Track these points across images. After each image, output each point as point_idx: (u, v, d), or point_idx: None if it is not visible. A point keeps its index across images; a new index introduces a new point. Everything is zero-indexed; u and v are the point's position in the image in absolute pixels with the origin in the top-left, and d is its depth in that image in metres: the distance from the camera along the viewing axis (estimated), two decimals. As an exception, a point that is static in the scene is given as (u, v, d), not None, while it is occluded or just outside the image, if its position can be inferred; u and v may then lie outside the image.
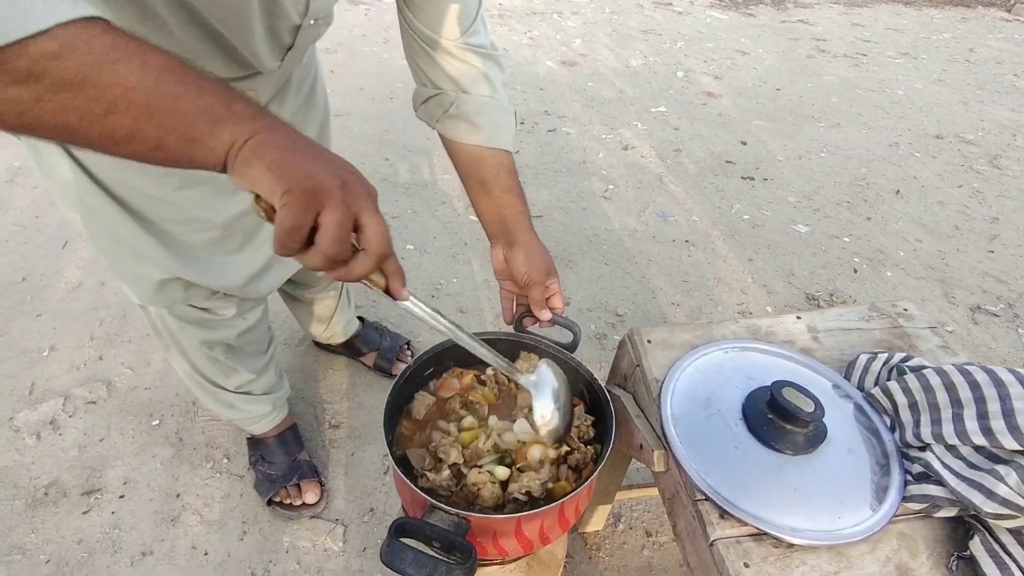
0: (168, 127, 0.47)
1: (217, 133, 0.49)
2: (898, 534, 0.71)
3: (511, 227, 0.91)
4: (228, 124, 0.49)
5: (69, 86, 0.42)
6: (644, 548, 1.35)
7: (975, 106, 3.61)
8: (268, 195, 0.50)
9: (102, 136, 0.45)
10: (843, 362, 0.92)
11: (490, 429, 0.89)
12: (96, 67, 0.42)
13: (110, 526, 1.29)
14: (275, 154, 0.50)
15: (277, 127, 0.52)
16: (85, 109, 0.43)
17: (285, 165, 0.49)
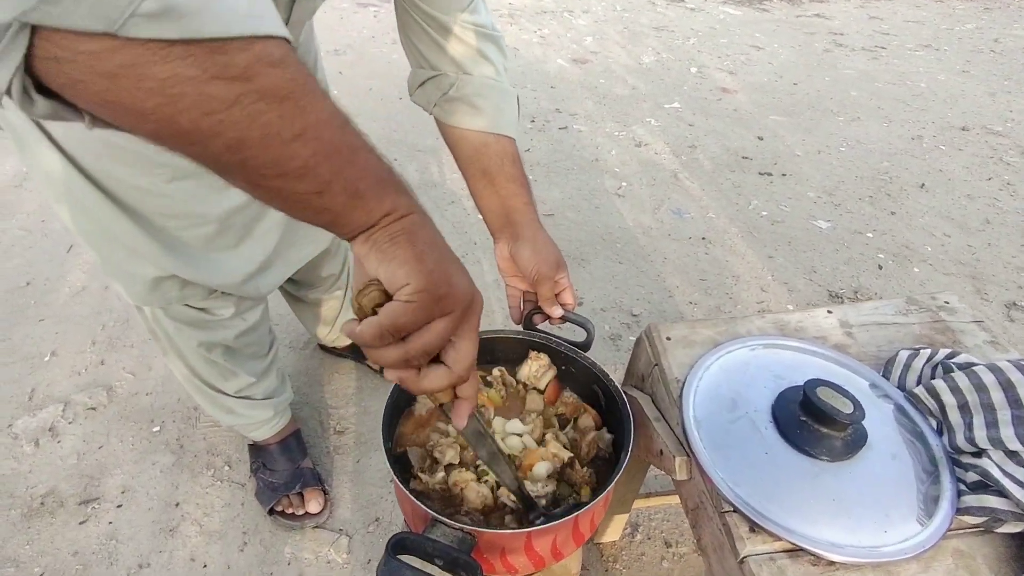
0: (341, 173, 0.42)
1: (381, 196, 0.45)
2: (954, 551, 0.64)
3: (516, 219, 0.85)
4: (392, 192, 0.46)
5: (273, 97, 0.37)
6: (664, 560, 1.27)
7: (1002, 97, 3.48)
8: (395, 283, 0.45)
9: (273, 163, 0.40)
10: (880, 359, 0.84)
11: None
12: (302, 87, 0.39)
13: (107, 537, 1.25)
14: (425, 246, 0.46)
15: (427, 216, 0.49)
16: (275, 127, 0.38)
17: (431, 262, 0.46)
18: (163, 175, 0.84)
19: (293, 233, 1.10)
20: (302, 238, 1.13)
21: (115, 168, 0.81)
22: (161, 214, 0.88)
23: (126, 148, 0.79)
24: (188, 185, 0.87)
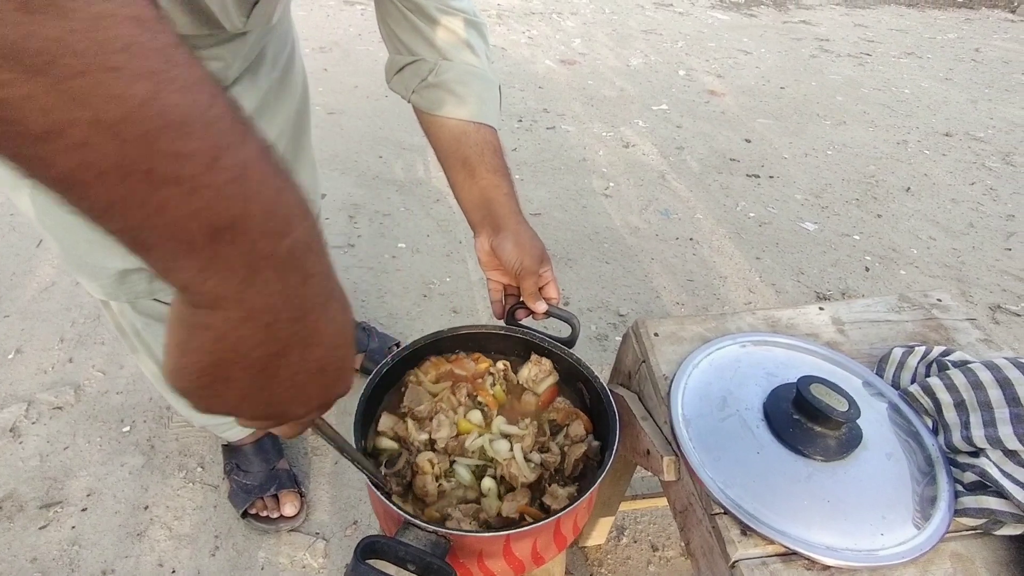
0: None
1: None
2: (952, 555, 0.61)
3: (497, 211, 0.82)
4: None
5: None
6: (650, 563, 1.24)
7: (984, 104, 3.52)
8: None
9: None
10: (873, 357, 0.82)
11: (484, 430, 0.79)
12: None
13: (68, 542, 1.19)
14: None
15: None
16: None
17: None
18: None
19: None
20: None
21: None
22: None
23: None
24: None
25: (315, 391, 0.37)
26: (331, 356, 0.36)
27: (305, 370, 0.36)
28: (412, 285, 1.88)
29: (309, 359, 0.35)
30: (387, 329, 1.68)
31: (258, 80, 0.90)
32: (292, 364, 0.35)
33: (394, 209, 2.22)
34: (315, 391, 0.37)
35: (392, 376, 0.82)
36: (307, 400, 0.38)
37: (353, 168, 2.43)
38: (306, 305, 0.33)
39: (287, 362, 0.34)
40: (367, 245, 2.03)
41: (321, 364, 0.36)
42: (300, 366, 0.35)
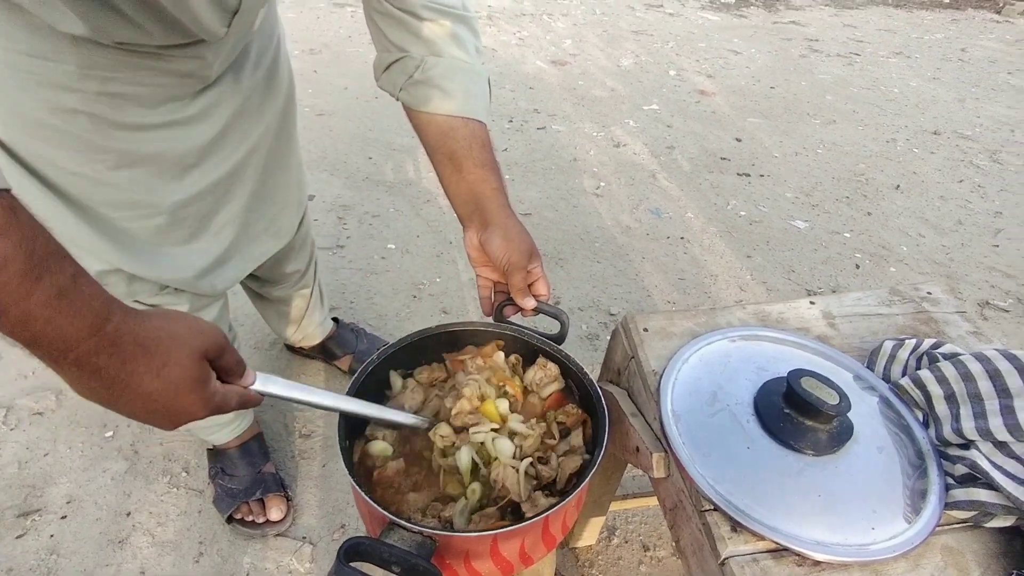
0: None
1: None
2: (943, 548, 0.60)
3: (485, 205, 0.80)
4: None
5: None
6: (641, 564, 1.23)
7: (971, 103, 3.55)
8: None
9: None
10: (864, 351, 0.81)
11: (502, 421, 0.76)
12: None
13: (47, 551, 1.16)
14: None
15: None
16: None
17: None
18: (107, 161, 0.78)
19: (253, 227, 1.04)
20: (262, 232, 1.07)
21: (52, 153, 0.75)
22: (105, 204, 0.82)
23: (64, 131, 0.73)
24: (136, 173, 0.81)
25: (161, 422, 0.52)
26: (155, 405, 0.49)
27: (143, 410, 0.50)
28: (401, 286, 1.86)
29: (137, 407, 0.49)
30: (376, 330, 1.66)
31: (241, 79, 0.88)
32: (130, 408, 0.49)
33: (383, 210, 2.20)
34: (161, 422, 0.52)
35: (379, 376, 0.81)
36: (162, 425, 0.52)
37: (342, 169, 2.41)
38: (108, 382, 0.47)
39: (126, 407, 0.49)
40: (356, 246, 2.01)
41: (149, 409, 0.50)
42: (136, 408, 0.50)
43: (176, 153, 0.83)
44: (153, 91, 0.76)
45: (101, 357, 0.45)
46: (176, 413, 0.51)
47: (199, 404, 0.51)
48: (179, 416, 0.52)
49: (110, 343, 0.46)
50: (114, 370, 0.46)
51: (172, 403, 0.50)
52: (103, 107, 0.73)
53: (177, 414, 0.51)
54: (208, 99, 0.83)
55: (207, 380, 0.52)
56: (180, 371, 0.49)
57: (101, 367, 0.46)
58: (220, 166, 0.90)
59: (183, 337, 0.50)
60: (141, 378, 0.48)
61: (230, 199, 0.96)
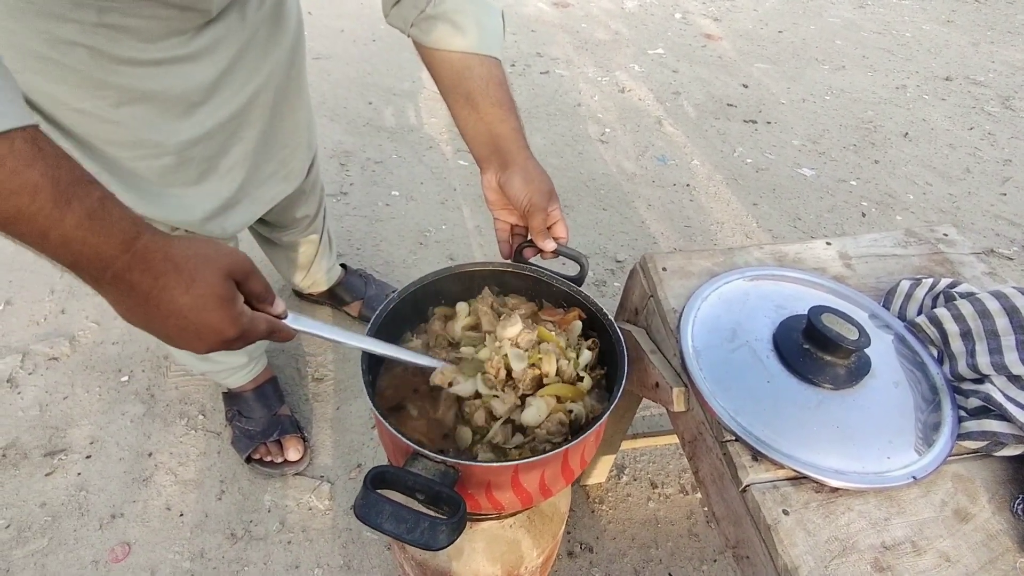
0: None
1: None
2: (953, 476, 0.63)
3: (505, 146, 0.79)
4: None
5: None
6: (650, 500, 1.28)
7: (985, 47, 3.46)
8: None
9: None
10: (879, 291, 0.82)
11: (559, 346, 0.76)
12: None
13: (76, 488, 1.20)
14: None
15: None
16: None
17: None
18: (109, 98, 0.75)
19: (262, 169, 1.02)
20: (272, 175, 1.06)
21: (53, 88, 0.73)
22: (110, 143, 0.80)
23: (62, 64, 0.70)
24: (140, 110, 0.79)
25: (193, 342, 0.53)
26: (186, 322, 0.51)
27: (176, 328, 0.51)
28: (407, 233, 1.85)
29: (171, 325, 0.51)
30: (384, 277, 1.66)
31: (247, 14, 0.85)
32: (164, 326, 0.51)
33: (386, 156, 2.16)
34: (193, 342, 0.53)
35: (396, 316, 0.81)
36: (194, 346, 0.53)
37: (342, 115, 2.36)
38: (142, 299, 0.49)
39: (161, 326, 0.52)
40: (360, 193, 1.99)
41: (181, 326, 0.51)
42: (170, 326, 0.51)
43: (180, 90, 0.81)
44: (153, 24, 0.73)
45: (134, 273, 0.48)
46: (206, 330, 0.52)
47: (227, 322, 0.52)
48: (209, 334, 0.53)
49: (141, 259, 0.49)
50: (147, 286, 0.49)
51: (202, 319, 0.51)
52: (101, 39, 0.71)
53: (208, 332, 0.52)
54: (212, 34, 0.80)
55: (234, 299, 0.53)
56: (208, 288, 0.51)
57: (135, 283, 0.48)
58: (227, 105, 0.88)
59: (210, 256, 0.52)
60: (172, 293, 0.50)
61: (238, 139, 0.94)
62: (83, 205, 0.46)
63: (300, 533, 1.18)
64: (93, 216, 0.46)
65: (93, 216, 0.46)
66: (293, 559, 1.14)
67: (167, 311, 0.50)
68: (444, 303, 0.86)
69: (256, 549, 1.15)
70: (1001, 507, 0.60)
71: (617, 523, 1.23)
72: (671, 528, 1.23)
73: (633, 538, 1.21)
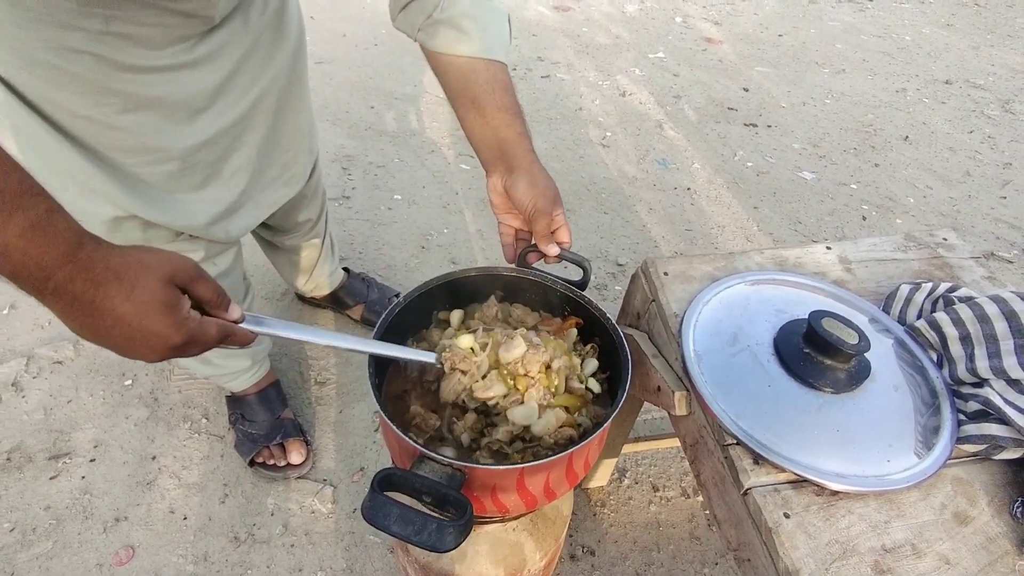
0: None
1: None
2: (953, 479, 0.63)
3: (510, 151, 0.80)
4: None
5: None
6: (651, 503, 1.28)
7: (985, 51, 3.47)
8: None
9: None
10: (879, 295, 0.82)
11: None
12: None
13: (80, 491, 1.20)
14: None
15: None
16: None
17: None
18: (115, 105, 0.76)
19: (265, 174, 1.03)
20: (275, 179, 1.07)
21: (58, 95, 0.73)
22: (115, 149, 0.81)
23: (68, 71, 0.71)
24: (144, 116, 0.79)
25: (141, 349, 0.53)
26: (131, 331, 0.51)
27: (123, 337, 0.52)
28: (409, 237, 1.86)
29: (116, 335, 0.51)
30: (386, 280, 1.67)
31: (250, 20, 0.86)
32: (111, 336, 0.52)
33: (388, 160, 2.17)
34: (141, 349, 0.53)
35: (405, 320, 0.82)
36: (144, 355, 0.54)
37: (344, 119, 2.37)
38: (87, 309, 0.49)
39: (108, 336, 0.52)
40: (362, 197, 2.00)
41: (126, 335, 0.51)
42: (116, 336, 0.51)
43: (184, 97, 0.82)
44: (157, 31, 0.74)
45: (77, 284, 0.49)
46: (152, 338, 0.52)
47: (171, 328, 0.52)
48: (155, 341, 0.52)
49: (84, 269, 0.49)
50: (90, 295, 0.49)
51: (144, 326, 0.51)
52: (106, 47, 0.71)
53: (154, 339, 0.52)
54: (215, 41, 0.81)
55: (177, 304, 0.53)
56: (149, 294, 0.51)
57: (78, 294, 0.49)
58: (230, 110, 0.89)
59: (151, 263, 0.52)
60: (113, 301, 0.50)
61: (241, 144, 0.95)
62: (27, 216, 0.46)
63: (303, 536, 1.18)
64: (37, 227, 0.47)
65: (37, 227, 0.47)
66: (296, 562, 1.15)
67: (111, 320, 0.50)
68: (448, 308, 0.86)
69: (259, 552, 1.15)
70: (1000, 510, 0.61)
71: (619, 526, 1.23)
72: (672, 531, 1.23)
73: (635, 541, 1.21)
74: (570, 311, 0.85)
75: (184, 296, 0.54)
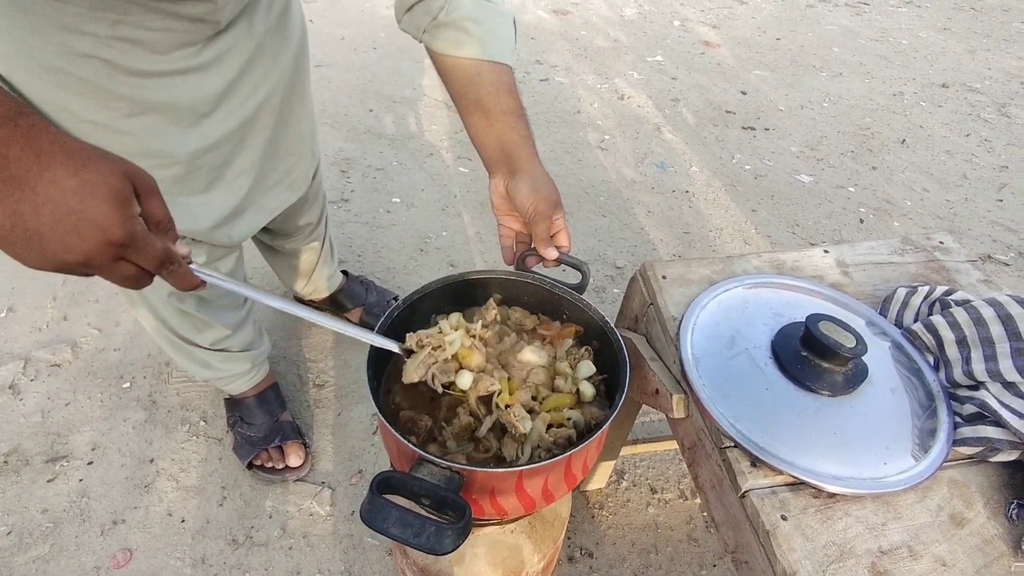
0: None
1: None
2: (949, 481, 0.63)
3: (514, 153, 0.80)
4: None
5: None
6: (649, 506, 1.28)
7: (982, 54, 3.49)
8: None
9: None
10: (877, 298, 0.83)
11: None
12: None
13: (78, 494, 1.20)
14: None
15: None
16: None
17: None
18: (121, 109, 0.77)
19: (267, 178, 1.03)
20: (277, 184, 1.07)
21: (65, 99, 0.74)
22: (123, 153, 0.81)
23: (76, 76, 0.72)
24: (150, 120, 0.80)
25: (67, 238, 0.46)
26: (66, 209, 0.45)
27: (52, 216, 0.45)
28: (408, 240, 1.86)
29: (44, 213, 0.45)
30: (385, 283, 1.67)
31: (254, 24, 0.86)
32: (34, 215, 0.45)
33: (387, 164, 2.18)
34: (67, 238, 0.46)
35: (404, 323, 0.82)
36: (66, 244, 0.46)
37: (343, 122, 2.37)
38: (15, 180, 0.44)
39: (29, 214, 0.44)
40: (361, 200, 2.00)
41: (58, 214, 0.45)
42: (43, 215, 0.45)
43: (190, 101, 0.82)
44: (164, 36, 0.74)
45: (13, 148, 0.44)
46: (87, 225, 0.46)
47: (115, 219, 0.47)
48: (90, 230, 0.46)
49: (25, 135, 0.45)
50: (26, 163, 0.45)
51: (86, 206, 0.46)
52: (114, 52, 0.72)
53: (88, 227, 0.46)
54: (221, 45, 0.82)
55: (128, 200, 0.49)
56: (100, 176, 0.47)
57: (11, 159, 0.44)
58: (235, 114, 0.89)
59: (109, 155, 0.49)
60: (56, 173, 0.45)
61: (245, 148, 0.95)
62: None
63: (301, 539, 1.18)
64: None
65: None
66: (294, 565, 1.14)
67: (44, 196, 0.45)
68: (447, 311, 0.87)
69: (257, 555, 1.15)
70: (996, 512, 0.61)
71: (617, 528, 1.23)
72: (670, 533, 1.23)
73: (633, 543, 1.21)
74: (568, 314, 0.85)
75: (135, 200, 0.50)
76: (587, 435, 0.72)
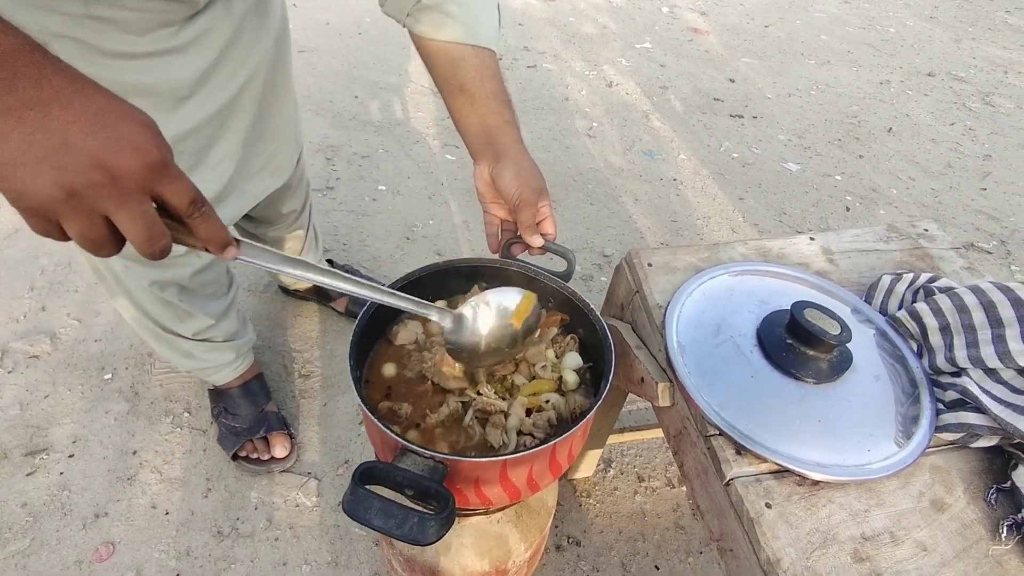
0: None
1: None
2: (931, 467, 0.64)
3: (498, 139, 0.79)
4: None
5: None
6: (636, 493, 1.29)
7: (967, 43, 3.50)
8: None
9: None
10: (862, 285, 0.83)
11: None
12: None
13: (58, 487, 1.18)
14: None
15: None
16: None
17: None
18: None
19: (251, 163, 1.01)
20: (261, 169, 1.05)
21: None
22: None
23: None
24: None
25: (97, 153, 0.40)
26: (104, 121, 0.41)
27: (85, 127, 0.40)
28: (394, 228, 1.84)
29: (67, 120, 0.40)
30: (371, 272, 1.65)
31: (232, 5, 0.84)
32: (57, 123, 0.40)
33: (372, 151, 2.15)
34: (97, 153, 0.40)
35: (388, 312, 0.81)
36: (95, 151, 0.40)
37: (328, 109, 2.34)
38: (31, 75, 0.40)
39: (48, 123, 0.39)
40: (346, 188, 1.97)
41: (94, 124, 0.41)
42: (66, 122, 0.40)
43: (169, 84, 0.80)
44: (139, 16, 0.72)
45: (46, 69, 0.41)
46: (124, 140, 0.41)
47: (155, 141, 0.43)
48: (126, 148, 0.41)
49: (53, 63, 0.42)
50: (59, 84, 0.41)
51: (121, 127, 0.42)
52: (88, 32, 0.70)
53: (125, 143, 0.41)
54: (199, 27, 0.79)
55: (161, 133, 0.45)
56: (133, 108, 0.44)
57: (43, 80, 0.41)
58: (215, 98, 0.87)
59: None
60: (90, 95, 0.42)
61: (227, 132, 0.93)
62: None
63: (287, 530, 1.17)
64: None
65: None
66: (280, 556, 1.14)
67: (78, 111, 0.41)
68: (432, 298, 0.86)
69: (243, 547, 1.14)
70: (976, 497, 0.61)
71: (604, 516, 1.24)
72: (657, 521, 1.24)
73: (620, 531, 1.22)
74: (554, 302, 0.84)
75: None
76: (572, 424, 0.72)
